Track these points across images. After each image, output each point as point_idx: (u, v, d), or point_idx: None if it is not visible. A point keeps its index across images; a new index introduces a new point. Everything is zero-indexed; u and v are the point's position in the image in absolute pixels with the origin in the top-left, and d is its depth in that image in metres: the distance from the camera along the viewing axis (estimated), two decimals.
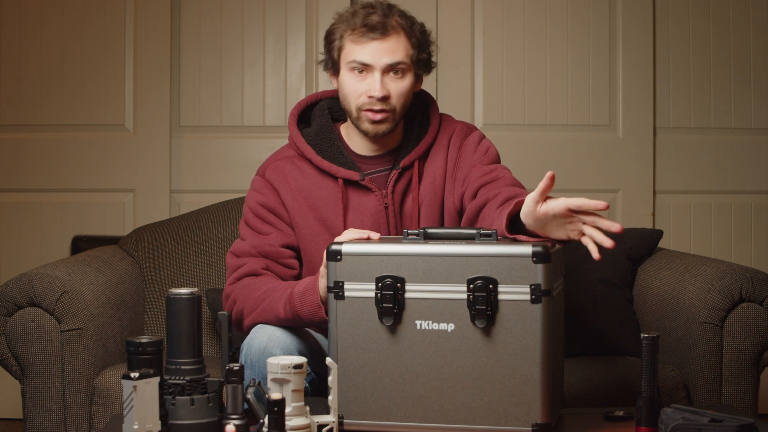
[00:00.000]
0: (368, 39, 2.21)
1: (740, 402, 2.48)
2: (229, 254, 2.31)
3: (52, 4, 3.49)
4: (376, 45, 2.21)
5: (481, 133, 2.38)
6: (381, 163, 2.33)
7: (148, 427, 1.73)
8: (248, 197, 2.35)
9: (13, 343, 2.45)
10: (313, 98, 2.43)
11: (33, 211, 3.51)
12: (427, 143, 2.33)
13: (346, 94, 2.26)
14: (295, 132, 2.36)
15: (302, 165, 2.33)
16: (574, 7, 3.53)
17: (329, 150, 2.31)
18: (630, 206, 3.54)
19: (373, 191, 2.29)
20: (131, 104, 3.48)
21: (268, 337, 2.11)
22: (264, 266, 2.26)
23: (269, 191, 2.32)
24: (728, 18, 3.57)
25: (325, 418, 1.84)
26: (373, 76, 2.22)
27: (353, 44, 2.23)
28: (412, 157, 2.31)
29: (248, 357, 2.10)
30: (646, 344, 1.86)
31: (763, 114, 3.59)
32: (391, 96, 2.23)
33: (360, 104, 2.24)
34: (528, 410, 1.85)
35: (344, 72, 2.25)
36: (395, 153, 2.34)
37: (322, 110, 2.39)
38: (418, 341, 1.89)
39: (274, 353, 2.07)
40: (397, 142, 2.34)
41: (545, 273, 1.85)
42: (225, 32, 3.50)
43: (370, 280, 1.90)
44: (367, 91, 2.22)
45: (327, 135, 2.33)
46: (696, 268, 2.60)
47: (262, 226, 2.31)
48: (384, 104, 2.23)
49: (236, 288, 2.25)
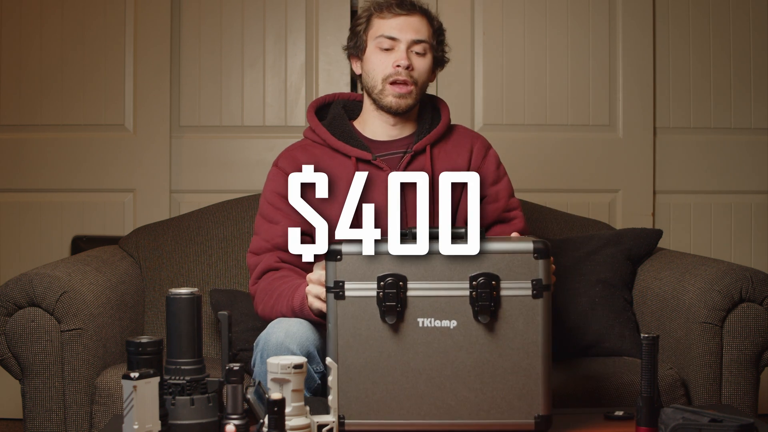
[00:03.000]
0: (395, 14, 2.39)
1: (740, 402, 2.48)
2: (248, 254, 2.43)
3: (52, 4, 3.49)
4: (403, 20, 2.39)
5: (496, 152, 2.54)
6: (394, 148, 2.44)
7: (148, 427, 1.73)
8: (264, 189, 2.46)
9: (13, 343, 2.45)
10: (330, 98, 2.57)
11: (33, 211, 3.51)
12: (439, 132, 2.45)
13: (372, 68, 2.40)
14: (312, 119, 2.48)
15: (315, 151, 2.44)
16: (574, 7, 3.53)
17: (342, 134, 2.44)
18: (630, 206, 3.54)
19: (384, 170, 2.38)
20: (131, 104, 3.48)
21: (285, 332, 2.14)
22: (278, 258, 2.36)
23: (281, 177, 2.40)
24: (728, 18, 3.57)
25: (325, 418, 1.84)
26: (399, 49, 2.38)
27: (381, 20, 2.40)
28: (425, 143, 2.43)
29: (265, 351, 2.13)
30: (646, 344, 1.86)
31: (763, 114, 3.59)
32: (415, 69, 2.38)
33: (386, 75, 2.38)
34: (530, 403, 1.89)
35: (371, 49, 2.40)
36: (408, 139, 2.45)
37: (337, 106, 2.52)
38: (421, 339, 1.90)
39: (290, 348, 2.11)
40: (412, 128, 2.46)
41: (546, 268, 1.89)
42: (225, 32, 3.50)
43: (371, 279, 1.90)
44: (394, 61, 2.37)
45: (340, 122, 2.46)
46: (696, 268, 2.60)
47: (274, 215, 2.39)
48: (408, 75, 2.37)
49: (257, 289, 2.36)
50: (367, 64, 2.42)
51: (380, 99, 2.40)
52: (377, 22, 2.40)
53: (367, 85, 2.43)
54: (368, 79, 2.42)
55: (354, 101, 2.56)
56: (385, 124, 2.45)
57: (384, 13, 2.40)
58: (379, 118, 2.45)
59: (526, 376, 1.88)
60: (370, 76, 2.41)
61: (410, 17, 2.39)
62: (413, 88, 2.39)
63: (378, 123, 2.46)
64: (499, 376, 1.89)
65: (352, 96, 2.57)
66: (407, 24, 2.38)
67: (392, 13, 2.39)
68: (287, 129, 3.46)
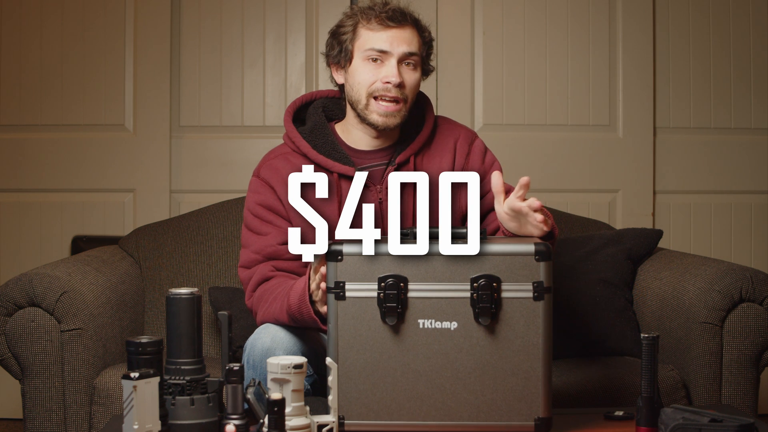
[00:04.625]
0: (386, 27, 2.25)
1: (740, 402, 2.48)
2: (239, 269, 2.33)
3: (52, 4, 3.49)
4: (394, 33, 2.25)
5: (482, 140, 2.42)
6: (376, 158, 2.34)
7: (148, 427, 1.73)
8: (247, 200, 2.36)
9: (13, 343, 2.45)
10: (308, 97, 2.45)
11: (33, 211, 3.51)
12: (423, 140, 2.35)
13: (358, 82, 2.28)
14: (290, 128, 2.37)
15: (296, 161, 2.33)
16: (574, 7, 3.53)
17: (324, 146, 2.33)
18: (630, 206, 3.54)
19: (368, 186, 2.29)
20: (131, 104, 3.48)
21: (271, 338, 2.11)
22: (272, 268, 2.27)
23: (265, 189, 2.33)
24: (728, 18, 3.57)
25: (325, 418, 1.84)
26: (390, 63, 2.25)
27: (370, 32, 2.26)
28: (408, 153, 2.33)
29: (251, 357, 2.10)
30: (646, 344, 1.86)
31: (763, 114, 3.59)
32: (406, 85, 2.26)
33: (373, 91, 2.26)
34: (530, 405, 1.88)
35: (358, 61, 2.28)
36: (391, 149, 2.35)
37: (317, 109, 2.40)
38: (421, 340, 1.89)
39: (277, 354, 2.07)
40: (395, 137, 2.35)
41: (547, 270, 1.88)
42: (225, 32, 3.50)
43: (372, 280, 1.90)
44: (383, 77, 2.25)
45: (321, 131, 2.35)
46: (696, 268, 2.60)
47: (261, 227, 2.31)
48: (398, 92, 2.25)
49: (253, 300, 2.28)
50: (352, 77, 2.28)
51: (365, 115, 2.28)
52: (365, 33, 2.26)
53: (351, 98, 2.30)
54: (353, 93, 2.29)
55: (334, 98, 2.44)
56: (368, 136, 2.33)
57: (372, 23, 2.26)
58: (363, 130, 2.33)
59: (526, 378, 1.88)
60: (354, 89, 2.28)
61: (401, 30, 2.26)
62: (402, 107, 2.27)
63: (361, 135, 2.34)
64: (499, 378, 1.88)
65: (331, 93, 2.44)
66: (398, 37, 2.25)
67: (382, 25, 2.25)
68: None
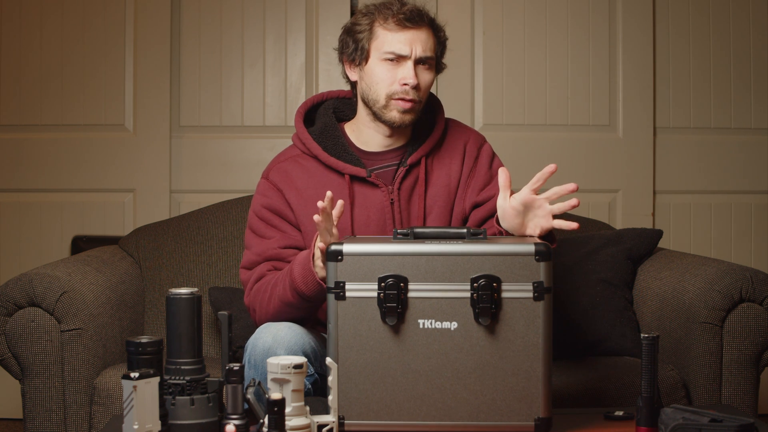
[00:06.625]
0: (404, 27, 2.25)
1: (740, 402, 2.48)
2: (241, 270, 2.34)
3: (52, 4, 3.49)
4: (411, 34, 2.26)
5: (490, 145, 2.44)
6: (387, 159, 2.35)
7: (148, 427, 1.73)
8: (253, 201, 2.37)
9: (13, 343, 2.45)
10: (318, 98, 2.46)
11: (33, 211, 3.51)
12: (434, 141, 2.36)
13: (376, 82, 2.28)
14: (301, 129, 2.38)
15: (307, 163, 2.34)
16: (574, 7, 3.53)
17: (334, 147, 2.34)
18: (630, 206, 3.54)
19: (380, 187, 2.31)
20: (131, 104, 3.48)
21: (272, 337, 2.11)
22: (271, 267, 2.29)
23: (274, 193, 2.33)
24: (728, 18, 3.57)
25: (325, 418, 1.84)
26: (407, 65, 2.25)
27: (388, 32, 2.26)
28: (420, 154, 2.34)
29: (252, 357, 2.10)
30: (646, 344, 1.86)
31: (763, 114, 3.59)
32: (421, 87, 2.28)
33: (392, 92, 2.27)
34: (530, 405, 1.89)
35: (375, 61, 2.28)
36: (402, 150, 2.36)
37: (327, 110, 2.41)
38: (421, 340, 1.89)
39: (278, 354, 2.07)
40: (407, 137, 2.37)
41: (547, 271, 1.89)
42: (225, 32, 3.50)
43: (372, 280, 1.90)
44: (401, 79, 2.25)
45: (331, 133, 2.36)
46: (696, 268, 2.60)
47: (265, 230, 2.32)
48: (415, 94, 2.27)
49: (251, 296, 2.28)
50: (369, 76, 2.29)
51: (383, 114, 2.28)
52: (382, 33, 2.26)
53: (367, 97, 2.30)
54: (369, 92, 2.29)
55: (344, 99, 2.45)
56: (380, 135, 2.34)
57: (390, 23, 2.25)
58: (376, 129, 2.34)
59: (526, 378, 1.88)
60: (372, 89, 2.28)
61: (418, 31, 2.26)
62: (417, 106, 2.28)
63: (373, 134, 2.35)
64: (499, 378, 1.89)
65: (342, 94, 2.46)
66: (416, 39, 2.25)
67: (399, 26, 2.25)
68: (287, 129, 3.46)
